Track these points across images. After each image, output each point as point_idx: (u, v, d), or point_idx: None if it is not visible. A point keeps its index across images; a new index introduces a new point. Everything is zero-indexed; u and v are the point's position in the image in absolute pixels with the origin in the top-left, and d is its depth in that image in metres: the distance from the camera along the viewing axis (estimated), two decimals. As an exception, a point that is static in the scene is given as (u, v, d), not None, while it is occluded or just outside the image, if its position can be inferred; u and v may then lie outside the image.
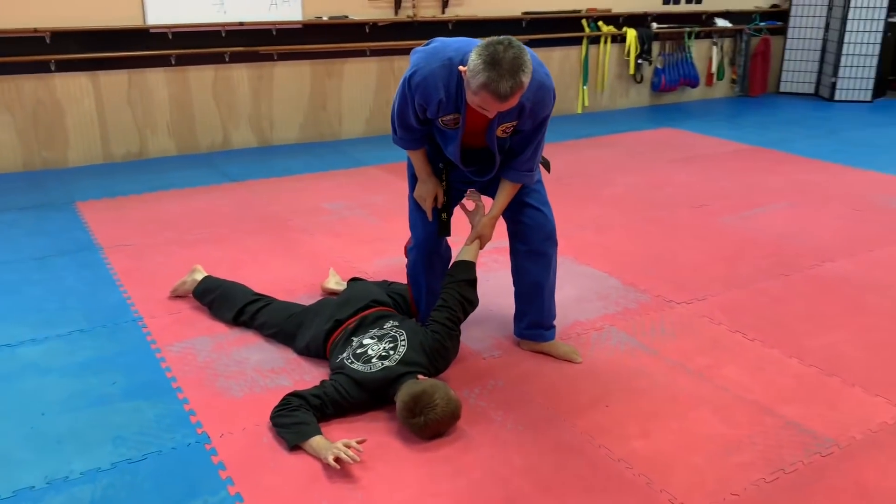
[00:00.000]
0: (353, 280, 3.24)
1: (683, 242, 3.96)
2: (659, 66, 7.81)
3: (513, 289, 2.78)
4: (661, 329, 2.99)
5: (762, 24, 8.45)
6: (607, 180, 5.15)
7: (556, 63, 7.24)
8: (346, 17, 6.04)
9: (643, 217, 4.35)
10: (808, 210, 4.50)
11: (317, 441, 2.19)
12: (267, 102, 5.99)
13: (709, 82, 8.32)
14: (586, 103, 7.52)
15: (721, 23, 8.13)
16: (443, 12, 6.50)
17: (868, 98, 8.17)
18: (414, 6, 6.29)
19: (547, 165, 2.72)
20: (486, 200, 2.67)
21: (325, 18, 5.96)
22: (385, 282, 3.17)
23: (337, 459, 2.09)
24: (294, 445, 2.21)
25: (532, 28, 6.94)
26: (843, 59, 8.09)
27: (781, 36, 8.58)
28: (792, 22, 8.50)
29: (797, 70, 8.65)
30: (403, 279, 2.95)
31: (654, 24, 7.64)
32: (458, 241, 2.76)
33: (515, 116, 2.39)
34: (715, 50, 8.22)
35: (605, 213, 4.44)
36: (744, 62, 8.47)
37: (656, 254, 3.79)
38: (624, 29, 7.47)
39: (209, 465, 2.15)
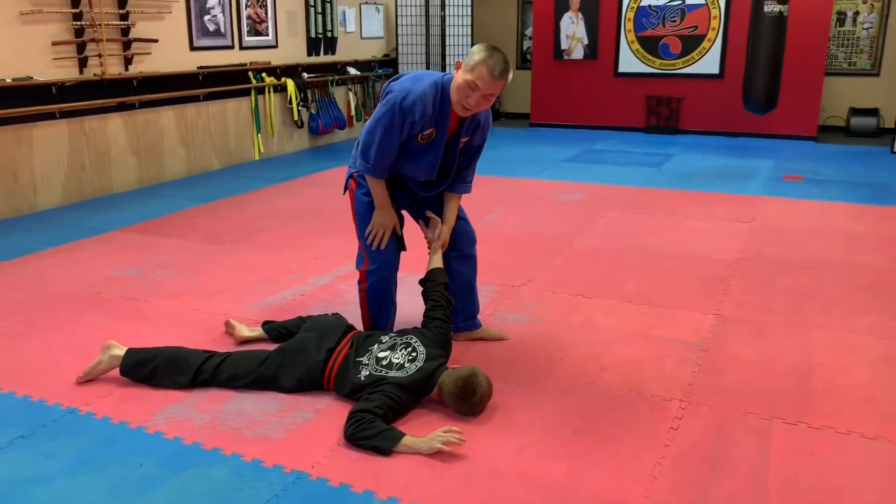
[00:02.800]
0: (266, 323, 3.36)
1: (470, 246, 4.79)
2: (314, 111, 8.55)
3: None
4: (529, 305, 3.78)
5: (380, 70, 9.80)
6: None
7: (232, 113, 7.49)
8: (31, 77, 5.51)
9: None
10: (524, 210, 5.73)
11: (410, 440, 2.46)
12: (-49, 179, 5.14)
13: (350, 124, 9.34)
14: (262, 150, 7.89)
15: (352, 71, 9.23)
16: (126, 69, 6.30)
17: (469, 126, 10.08)
18: (101, 64, 5.99)
19: None
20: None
21: (8, 80, 5.35)
22: (300, 318, 3.35)
23: (447, 444, 2.42)
24: (391, 450, 2.45)
25: (208, 82, 7.09)
26: (447, 96, 9.85)
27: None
28: (401, 68, 10.02)
29: (411, 108, 10.20)
30: (289, 315, 3.37)
31: (305, 74, 8.36)
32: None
33: (472, 132, 2.96)
34: (351, 95, 9.29)
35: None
36: (374, 104, 9.71)
37: (461, 258, 4.56)
38: (283, 79, 8.04)
39: (337, 489, 2.28)
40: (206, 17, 7.08)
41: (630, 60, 9.71)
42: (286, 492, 2.27)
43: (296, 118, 8.25)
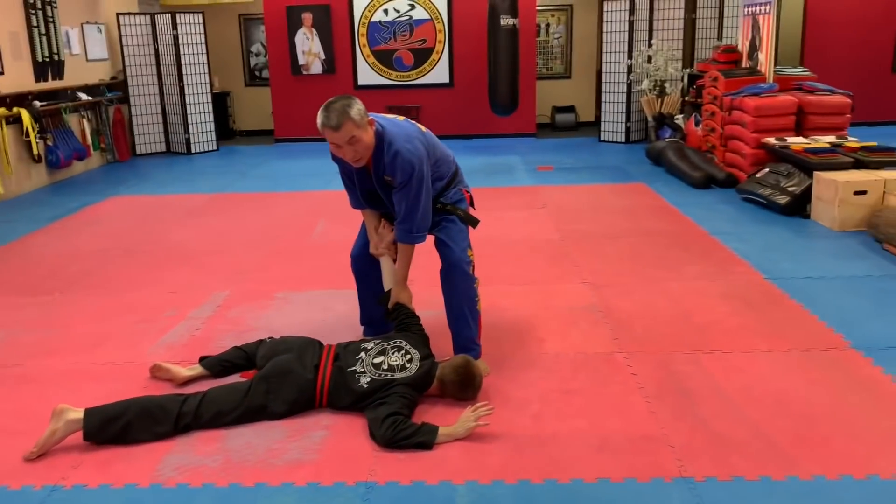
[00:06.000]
0: (203, 358, 3.18)
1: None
2: (51, 143, 7.65)
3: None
4: (430, 300, 3.94)
5: (110, 94, 9.03)
6: (172, 242, 5.38)
7: (-36, 152, 6.45)
8: None
9: (310, 245, 4.97)
10: (346, 220, 5.85)
11: (445, 429, 2.61)
12: None
13: (88, 153, 8.49)
14: (1, 190, 6.89)
15: (83, 96, 8.40)
16: None
17: (215, 147, 9.76)
18: None
19: (472, 222, 3.33)
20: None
21: None
22: (236, 348, 3.22)
23: (479, 419, 2.61)
24: (434, 443, 2.56)
25: (-66, 116, 6.03)
26: (189, 118, 9.44)
27: (127, 104, 9.35)
28: (131, 91, 9.35)
29: (147, 133, 9.57)
30: (205, 352, 3.33)
31: (37, 102, 7.45)
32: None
33: (388, 171, 3.00)
34: (85, 122, 8.45)
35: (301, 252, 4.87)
36: (109, 131, 8.93)
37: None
38: (15, 109, 7.09)
39: (412, 487, 2.35)
40: (-77, 41, 6.00)
41: (368, 73, 10.18)
42: (369, 502, 2.29)
43: (35, 152, 7.32)
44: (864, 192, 5.06)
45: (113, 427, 2.61)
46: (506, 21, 8.04)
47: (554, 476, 2.39)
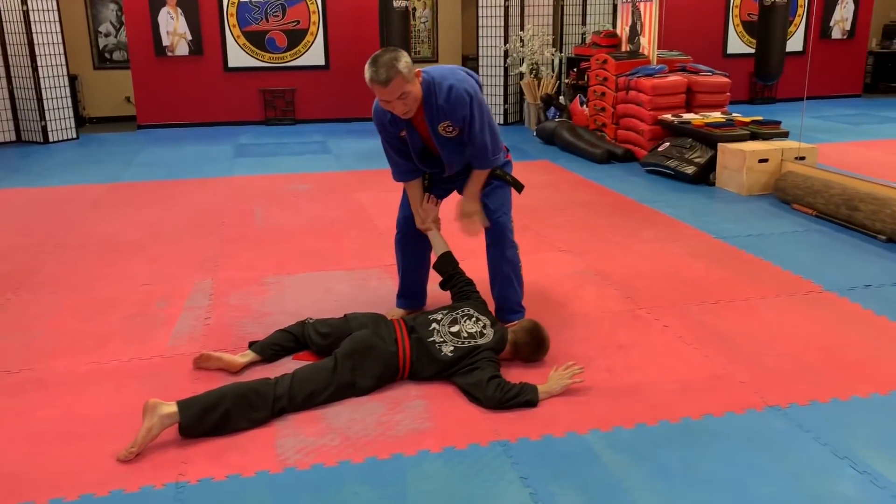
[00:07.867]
0: (253, 343, 3.06)
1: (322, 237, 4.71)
2: None
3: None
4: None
5: (-49, 77, 7.98)
6: (103, 235, 4.95)
7: None
8: None
9: (261, 231, 4.73)
10: (280, 205, 5.67)
11: (543, 387, 2.72)
12: None
13: (-68, 144, 7.47)
14: None
15: (-76, 78, 7.37)
16: None
17: (75, 135, 8.93)
18: None
19: (519, 187, 3.35)
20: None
21: None
22: (281, 331, 3.11)
23: (573, 377, 2.75)
24: (538, 401, 2.67)
25: None
26: (45, 103, 8.56)
27: (-30, 88, 8.31)
28: (-27, 73, 8.31)
29: (-6, 120, 8.57)
30: (232, 340, 3.25)
31: None
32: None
33: (445, 116, 3.04)
34: (-73, 108, 7.42)
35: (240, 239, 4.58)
36: (-46, 118, 7.89)
37: (329, 247, 4.49)
38: None
39: (542, 442, 2.45)
40: None
41: (239, 55, 9.75)
42: (515, 459, 2.35)
43: None
44: (766, 160, 5.72)
45: (211, 417, 2.46)
46: (399, 3, 8.07)
47: (663, 418, 2.59)
